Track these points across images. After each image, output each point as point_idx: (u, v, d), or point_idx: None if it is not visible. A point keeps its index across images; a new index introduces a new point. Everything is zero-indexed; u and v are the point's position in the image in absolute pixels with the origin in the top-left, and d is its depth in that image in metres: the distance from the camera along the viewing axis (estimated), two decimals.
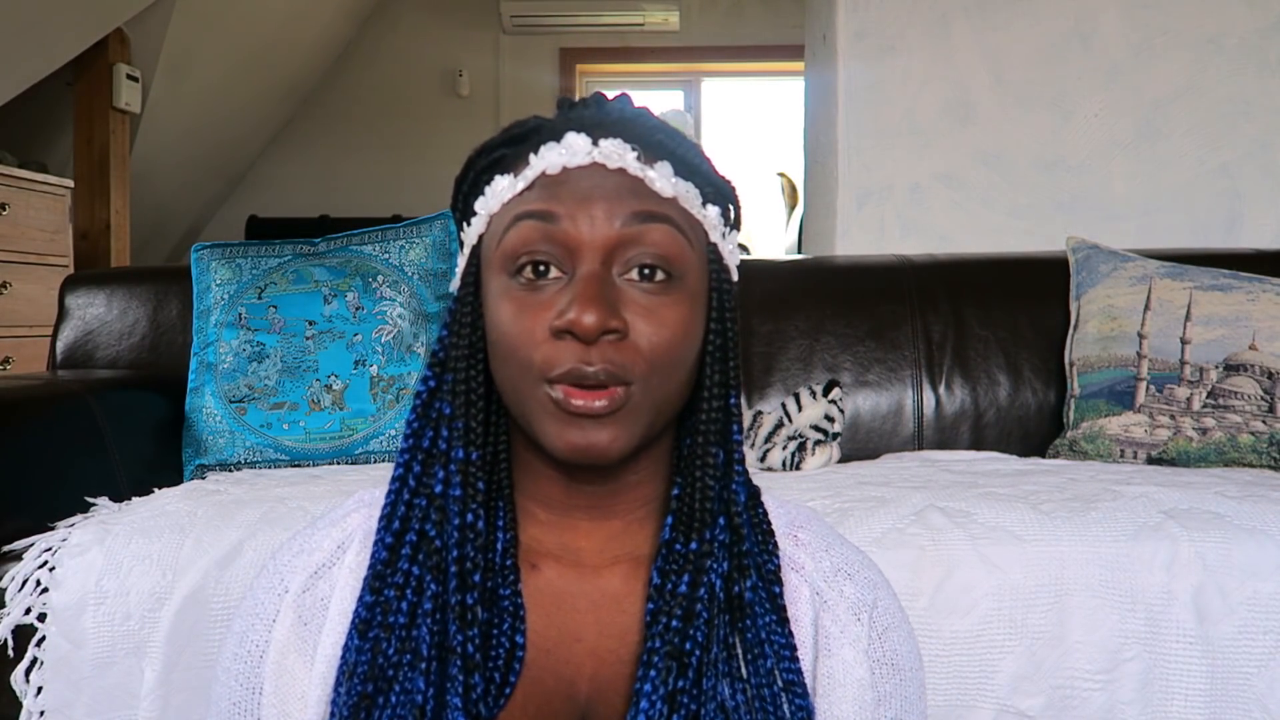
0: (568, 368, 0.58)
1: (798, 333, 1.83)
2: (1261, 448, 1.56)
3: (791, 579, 0.67)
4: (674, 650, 0.59)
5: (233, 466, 1.60)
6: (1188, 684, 1.07)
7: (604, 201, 0.59)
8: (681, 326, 0.60)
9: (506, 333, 0.60)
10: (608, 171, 0.60)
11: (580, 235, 0.59)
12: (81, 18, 3.15)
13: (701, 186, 0.64)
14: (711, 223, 0.65)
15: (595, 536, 0.66)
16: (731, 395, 0.64)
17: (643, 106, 0.66)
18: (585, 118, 0.63)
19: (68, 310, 1.84)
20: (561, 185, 0.60)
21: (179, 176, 4.49)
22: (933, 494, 1.24)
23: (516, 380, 0.60)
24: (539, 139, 0.63)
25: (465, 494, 0.61)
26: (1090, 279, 1.76)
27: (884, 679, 0.65)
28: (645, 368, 0.59)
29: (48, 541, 1.21)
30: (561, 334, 0.58)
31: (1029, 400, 1.79)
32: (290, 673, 0.64)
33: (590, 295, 0.57)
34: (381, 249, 1.70)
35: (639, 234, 0.59)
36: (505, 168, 0.64)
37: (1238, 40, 2.33)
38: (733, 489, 0.64)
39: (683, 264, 0.61)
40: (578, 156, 0.60)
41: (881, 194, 2.43)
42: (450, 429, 0.63)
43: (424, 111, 5.14)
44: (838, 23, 2.43)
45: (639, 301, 0.59)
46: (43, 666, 1.16)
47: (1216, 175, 2.35)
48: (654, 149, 0.62)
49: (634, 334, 0.59)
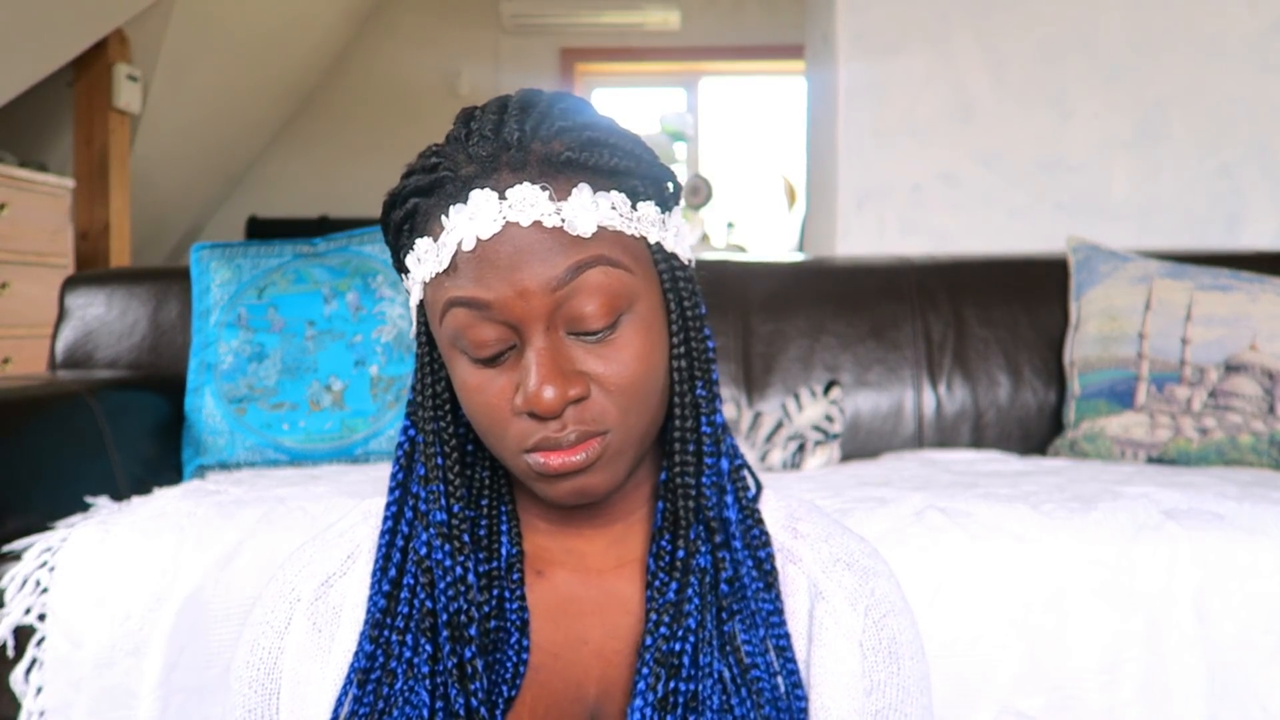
0: (538, 439, 0.58)
1: (798, 333, 1.83)
2: (1261, 448, 1.56)
3: (789, 571, 0.67)
4: (661, 656, 0.59)
5: (233, 467, 1.60)
6: (1188, 684, 1.07)
7: (528, 271, 0.56)
8: (643, 359, 0.59)
9: (474, 408, 0.60)
10: (523, 229, 0.56)
11: (517, 314, 0.57)
12: (81, 18, 3.14)
13: (628, 185, 0.60)
14: (648, 221, 0.61)
15: (598, 540, 0.66)
16: (699, 385, 0.63)
17: (549, 99, 0.61)
18: (484, 155, 0.58)
19: (68, 310, 1.84)
20: (482, 262, 0.57)
21: (179, 176, 4.49)
22: (933, 494, 1.24)
23: (496, 451, 0.61)
24: (445, 194, 0.58)
25: (452, 550, 0.62)
26: (1090, 279, 1.76)
27: (878, 667, 0.65)
28: (615, 412, 0.58)
29: (48, 541, 1.21)
30: (525, 413, 0.58)
31: (1029, 400, 1.79)
32: (306, 679, 0.65)
33: (544, 374, 0.56)
34: (381, 249, 1.70)
35: (575, 290, 0.57)
36: (422, 225, 0.60)
37: (1238, 40, 2.33)
38: (704, 478, 0.63)
39: (629, 294, 0.59)
40: (487, 224, 0.56)
41: (881, 194, 2.43)
42: (428, 491, 0.63)
43: (424, 112, 5.13)
44: (838, 23, 2.43)
45: (592, 350, 0.58)
46: (43, 666, 1.16)
47: (1216, 175, 2.35)
48: (564, 171, 0.58)
49: (597, 385, 0.58)
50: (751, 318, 1.84)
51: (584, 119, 0.60)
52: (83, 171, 3.60)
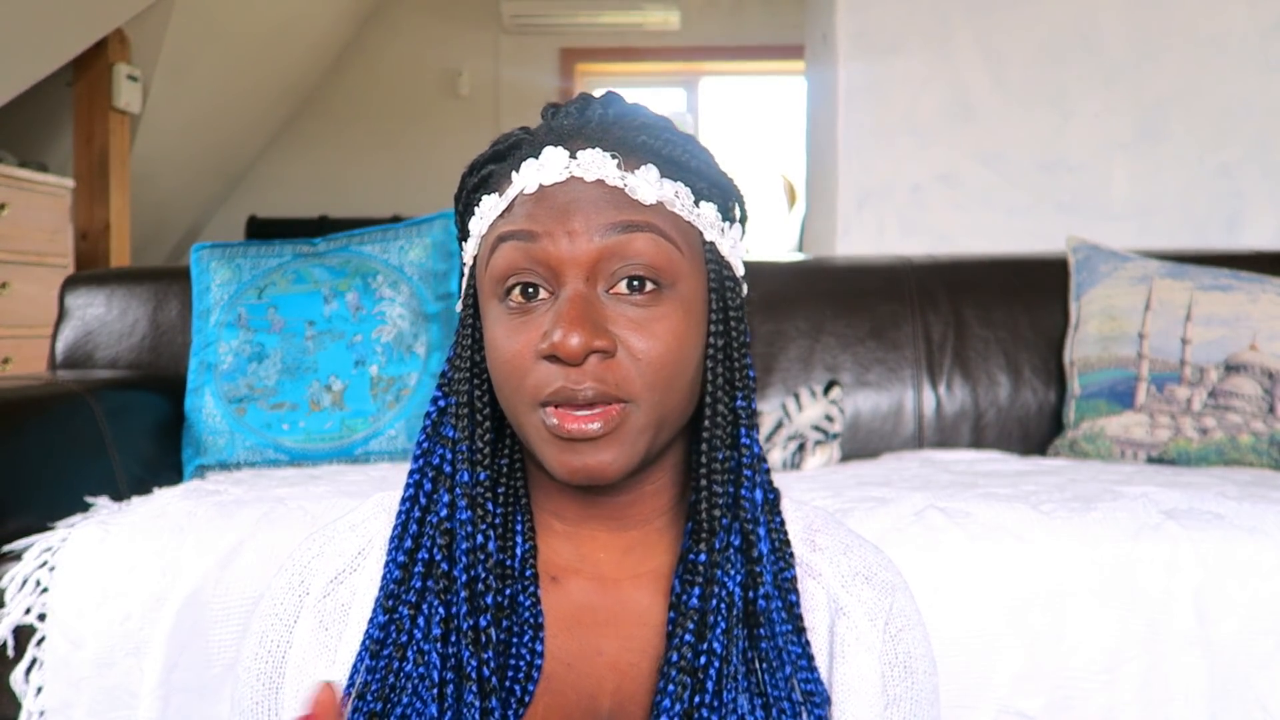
0: (555, 387, 0.57)
1: (798, 333, 1.83)
2: (1261, 448, 1.56)
3: (809, 586, 0.66)
4: (688, 666, 0.58)
5: (233, 466, 1.60)
6: (1188, 684, 1.07)
7: (581, 216, 0.58)
8: (674, 337, 0.59)
9: (499, 358, 0.59)
10: (586, 184, 0.59)
11: (560, 253, 0.58)
12: (81, 18, 3.15)
13: (694, 184, 0.62)
14: (707, 220, 0.62)
15: (613, 548, 0.65)
16: (739, 397, 0.62)
17: (634, 104, 0.64)
18: (565, 127, 0.62)
19: (68, 310, 1.84)
20: (539, 203, 0.59)
21: (179, 176, 4.49)
22: (933, 494, 1.24)
23: (513, 405, 0.60)
24: (520, 155, 0.62)
25: (474, 515, 0.61)
26: (1090, 279, 1.76)
27: (896, 681, 0.65)
28: (640, 384, 0.58)
29: (48, 541, 1.21)
30: (549, 357, 0.57)
31: (1029, 400, 1.79)
32: (311, 677, 0.64)
33: (573, 316, 0.56)
34: (381, 249, 1.70)
35: (621, 246, 0.58)
36: (492, 186, 0.63)
37: (1238, 40, 2.33)
38: (744, 494, 0.62)
39: (672, 272, 0.59)
40: (554, 172, 0.59)
41: (881, 194, 2.43)
42: (455, 452, 0.63)
43: (424, 112, 5.14)
44: (838, 23, 2.43)
45: (628, 315, 0.58)
46: (43, 666, 1.16)
47: (1216, 175, 2.35)
48: (638, 152, 0.60)
49: (624, 350, 0.58)
50: (751, 317, 1.84)
51: (668, 126, 0.63)
52: (83, 171, 3.60)
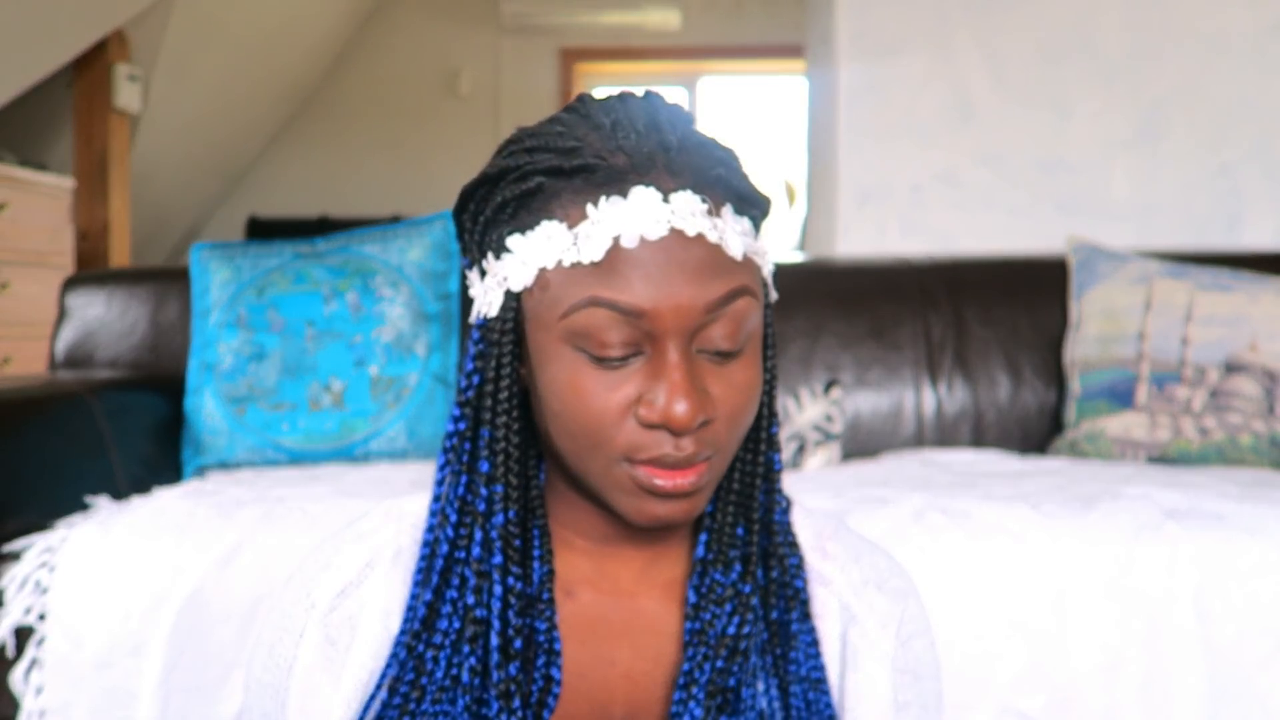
0: (657, 453, 0.55)
1: (798, 333, 1.83)
2: (1261, 448, 1.55)
3: (820, 594, 0.66)
4: (715, 689, 0.58)
5: (233, 466, 1.60)
6: (1188, 684, 1.07)
7: (688, 287, 0.54)
8: (754, 388, 0.58)
9: (581, 410, 0.56)
10: (684, 239, 0.54)
11: (663, 326, 0.54)
12: (81, 18, 3.15)
13: (752, 215, 0.59)
14: (763, 253, 0.60)
15: (634, 563, 0.65)
16: (774, 423, 0.63)
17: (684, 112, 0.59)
18: (642, 150, 0.55)
19: (68, 310, 1.84)
20: (638, 267, 0.54)
21: (179, 176, 4.49)
22: (933, 494, 1.25)
23: (591, 457, 0.57)
24: (594, 180, 0.55)
25: (506, 559, 0.59)
26: (1090, 279, 1.76)
27: (904, 688, 0.65)
28: (726, 436, 0.57)
29: (48, 541, 1.21)
30: (653, 425, 0.55)
31: (1029, 400, 1.79)
32: (316, 692, 0.63)
33: (685, 388, 0.54)
34: (381, 249, 1.70)
35: (722, 314, 0.55)
36: (547, 206, 0.56)
37: (1238, 40, 2.33)
38: (777, 519, 0.63)
39: (756, 325, 0.58)
40: (654, 225, 0.53)
41: (881, 194, 2.43)
42: (490, 490, 0.59)
43: (424, 111, 5.14)
44: (838, 23, 2.43)
45: (716, 371, 0.57)
46: (43, 666, 1.16)
47: (1216, 175, 2.35)
48: (715, 188, 0.56)
49: (716, 407, 0.56)
50: None
51: (726, 145, 0.59)
52: (83, 171, 3.60)
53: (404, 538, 0.65)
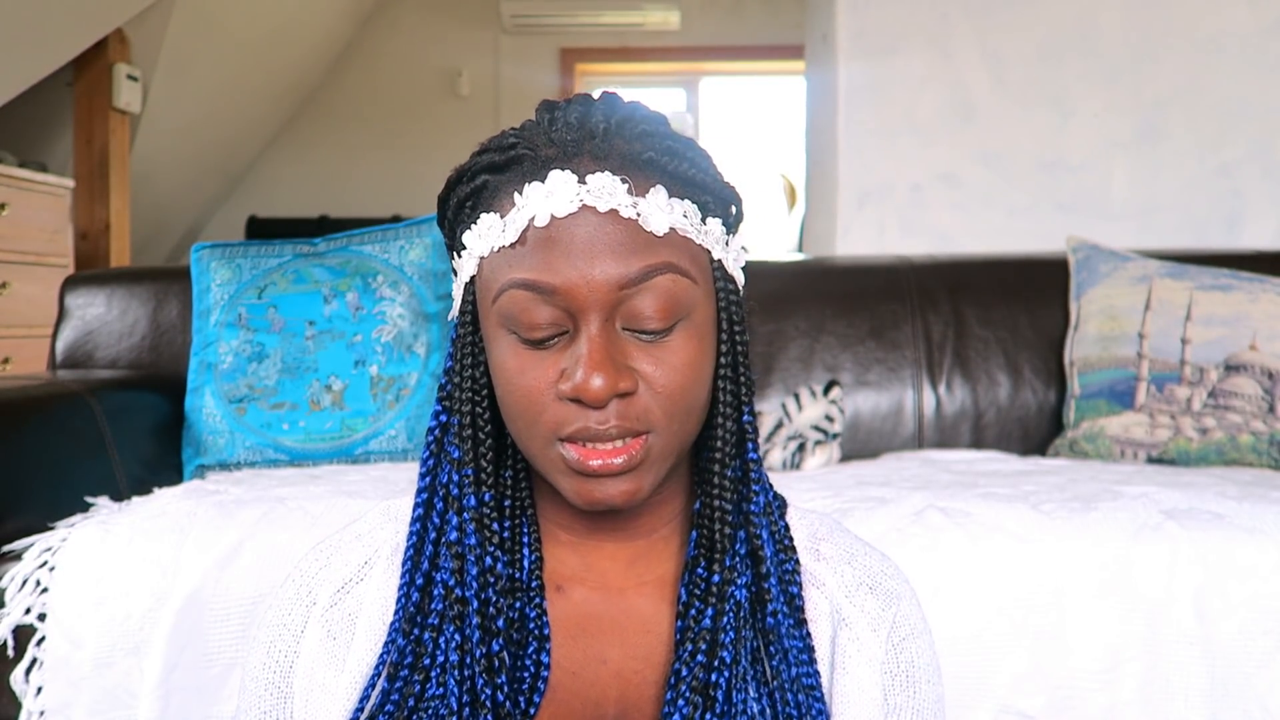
0: (578, 427, 0.56)
1: (798, 333, 1.83)
2: (1261, 448, 1.56)
3: (812, 595, 0.66)
4: (699, 685, 0.58)
5: (233, 466, 1.60)
6: (1188, 684, 1.07)
7: (601, 264, 0.56)
8: (691, 366, 0.58)
9: (512, 391, 0.58)
10: (599, 217, 0.56)
11: (579, 303, 0.56)
12: (81, 18, 3.14)
13: (700, 199, 0.60)
14: (714, 237, 0.61)
15: (620, 558, 0.65)
16: (745, 411, 0.63)
17: (632, 104, 0.62)
18: (567, 140, 0.58)
19: (68, 310, 1.84)
20: (552, 247, 0.56)
21: (179, 176, 4.49)
22: (933, 494, 1.24)
23: (527, 437, 0.59)
24: (522, 171, 0.58)
25: (481, 539, 0.61)
26: (1090, 279, 1.76)
27: (897, 691, 0.65)
28: (660, 415, 0.58)
29: (48, 541, 1.21)
30: (572, 400, 0.56)
31: (1029, 400, 1.79)
32: (320, 686, 0.64)
33: (598, 359, 0.55)
34: (381, 249, 1.70)
35: (641, 289, 0.57)
36: (489, 201, 0.60)
37: (1238, 40, 2.33)
38: (753, 509, 0.63)
39: (688, 303, 0.58)
40: (564, 203, 0.56)
41: (881, 194, 2.43)
42: (460, 474, 0.62)
43: (424, 111, 5.14)
44: (838, 23, 2.43)
45: (645, 349, 0.58)
46: (43, 666, 1.16)
47: (1216, 175, 2.35)
48: (645, 170, 0.58)
49: (644, 384, 0.57)
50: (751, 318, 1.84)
51: (666, 129, 0.61)
52: (83, 171, 3.60)
53: (401, 536, 0.66)
